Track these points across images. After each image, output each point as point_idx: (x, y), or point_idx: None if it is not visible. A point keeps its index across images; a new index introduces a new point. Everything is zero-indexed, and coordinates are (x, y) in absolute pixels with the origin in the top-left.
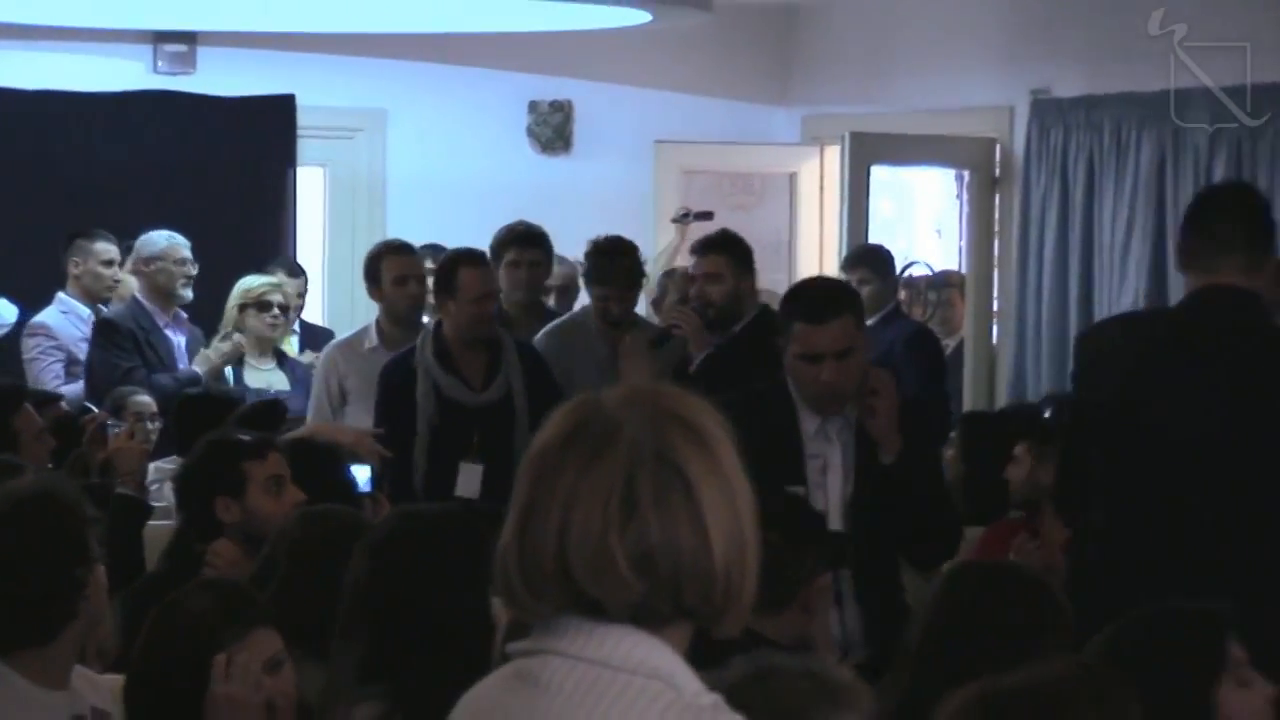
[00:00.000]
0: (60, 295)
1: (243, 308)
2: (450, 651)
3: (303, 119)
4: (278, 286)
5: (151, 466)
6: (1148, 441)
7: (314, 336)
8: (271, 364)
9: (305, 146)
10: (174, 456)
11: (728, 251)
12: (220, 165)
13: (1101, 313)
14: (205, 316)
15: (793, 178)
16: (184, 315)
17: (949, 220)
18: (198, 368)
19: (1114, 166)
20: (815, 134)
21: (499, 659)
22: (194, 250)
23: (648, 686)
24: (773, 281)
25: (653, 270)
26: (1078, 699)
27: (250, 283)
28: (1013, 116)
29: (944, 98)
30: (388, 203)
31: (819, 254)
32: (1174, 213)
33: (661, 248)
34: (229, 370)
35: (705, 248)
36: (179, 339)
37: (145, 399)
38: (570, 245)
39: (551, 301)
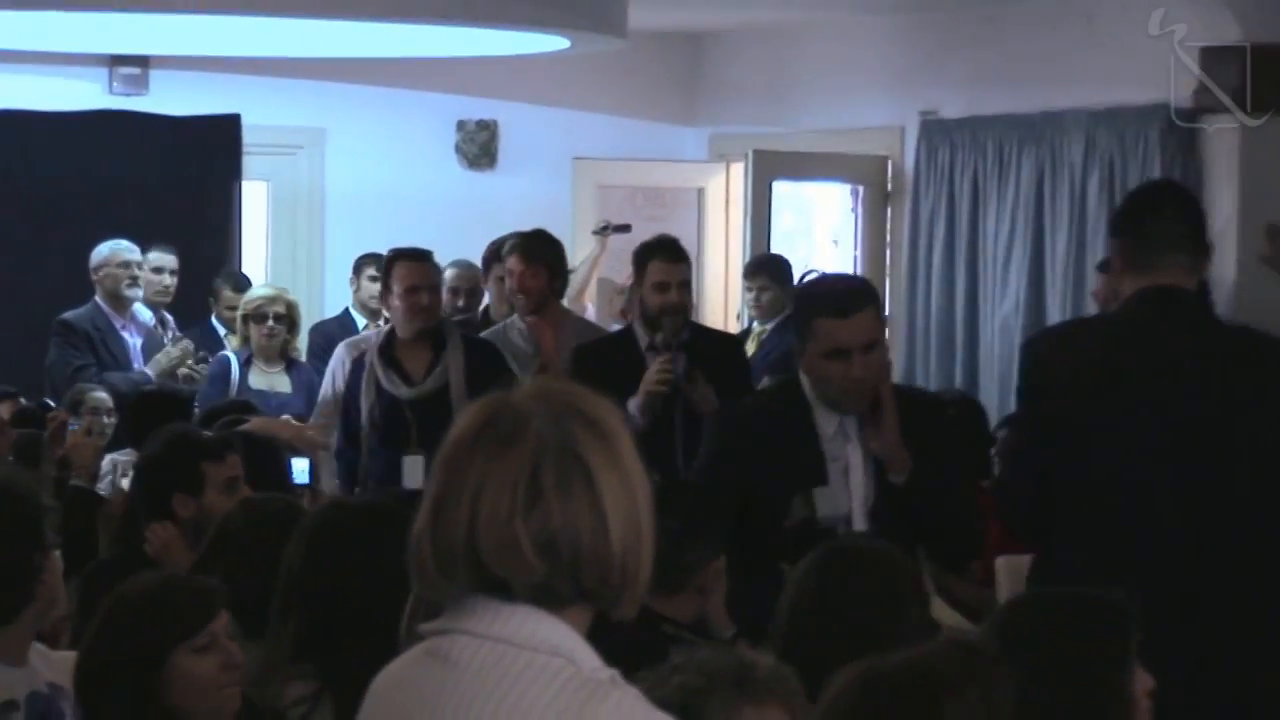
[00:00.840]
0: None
1: (244, 319)
2: (377, 633)
3: (247, 137)
4: (274, 299)
5: (107, 458)
6: (1106, 445)
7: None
8: (279, 367)
9: (250, 162)
10: (128, 450)
11: (688, 258)
12: (171, 180)
13: (985, 317)
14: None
15: (700, 192)
16: (143, 318)
17: (845, 232)
18: (149, 369)
19: (996, 182)
20: (721, 152)
21: (405, 639)
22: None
23: (549, 663)
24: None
25: (574, 278)
26: (953, 676)
27: (249, 295)
28: (903, 136)
29: (840, 118)
30: (326, 215)
31: (725, 263)
32: (1051, 225)
33: (581, 258)
34: (235, 373)
35: (677, 254)
36: (134, 340)
37: (102, 395)
38: None
39: (461, 302)
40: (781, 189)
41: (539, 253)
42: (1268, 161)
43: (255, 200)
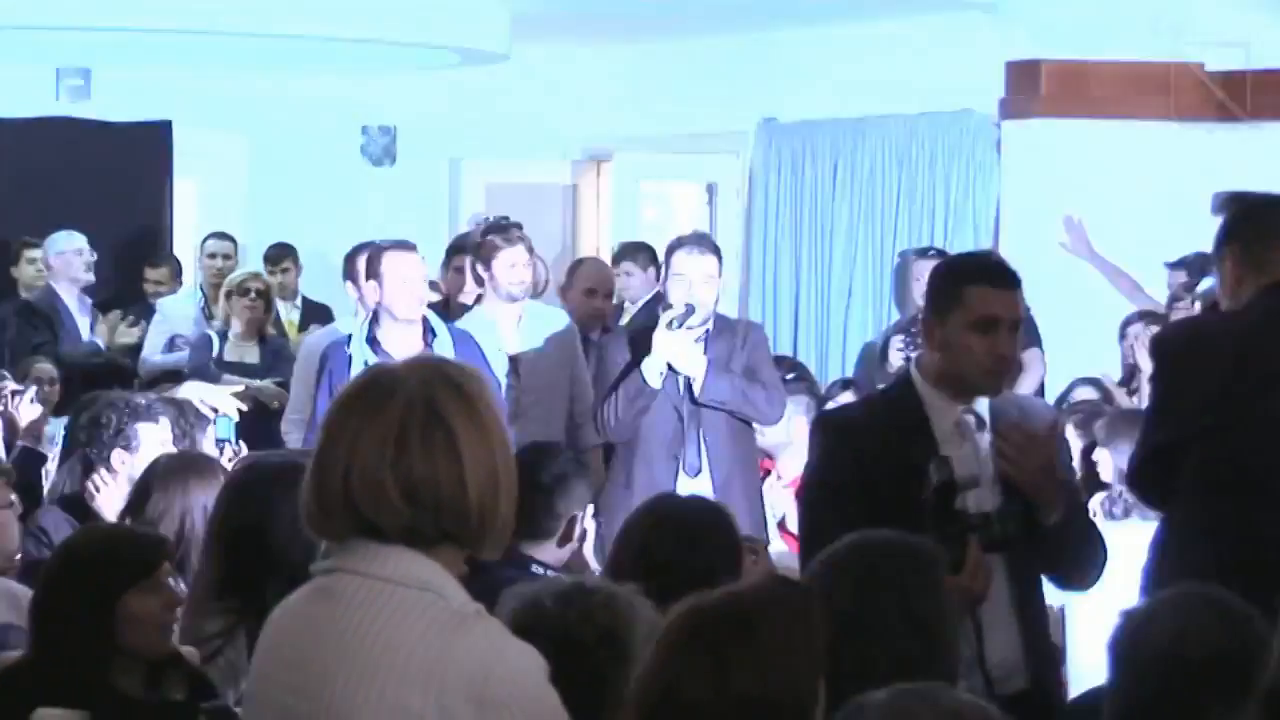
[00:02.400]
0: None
1: (228, 295)
2: (290, 573)
3: (178, 141)
4: (257, 276)
5: (55, 420)
6: (1256, 430)
7: (313, 311)
8: (253, 342)
9: (180, 164)
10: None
11: (718, 253)
12: (111, 179)
13: (821, 299)
14: (99, 300)
15: (573, 189)
16: (89, 300)
17: (701, 223)
18: (98, 339)
19: (830, 180)
20: (591, 154)
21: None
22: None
23: (422, 598)
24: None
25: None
26: (772, 605)
27: (233, 275)
28: (747, 138)
29: (693, 122)
30: (249, 210)
31: (596, 253)
32: (880, 215)
33: None
34: (216, 344)
35: (701, 247)
36: (85, 319)
37: (46, 366)
38: None
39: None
40: (646, 186)
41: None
42: (1069, 161)
43: (185, 197)
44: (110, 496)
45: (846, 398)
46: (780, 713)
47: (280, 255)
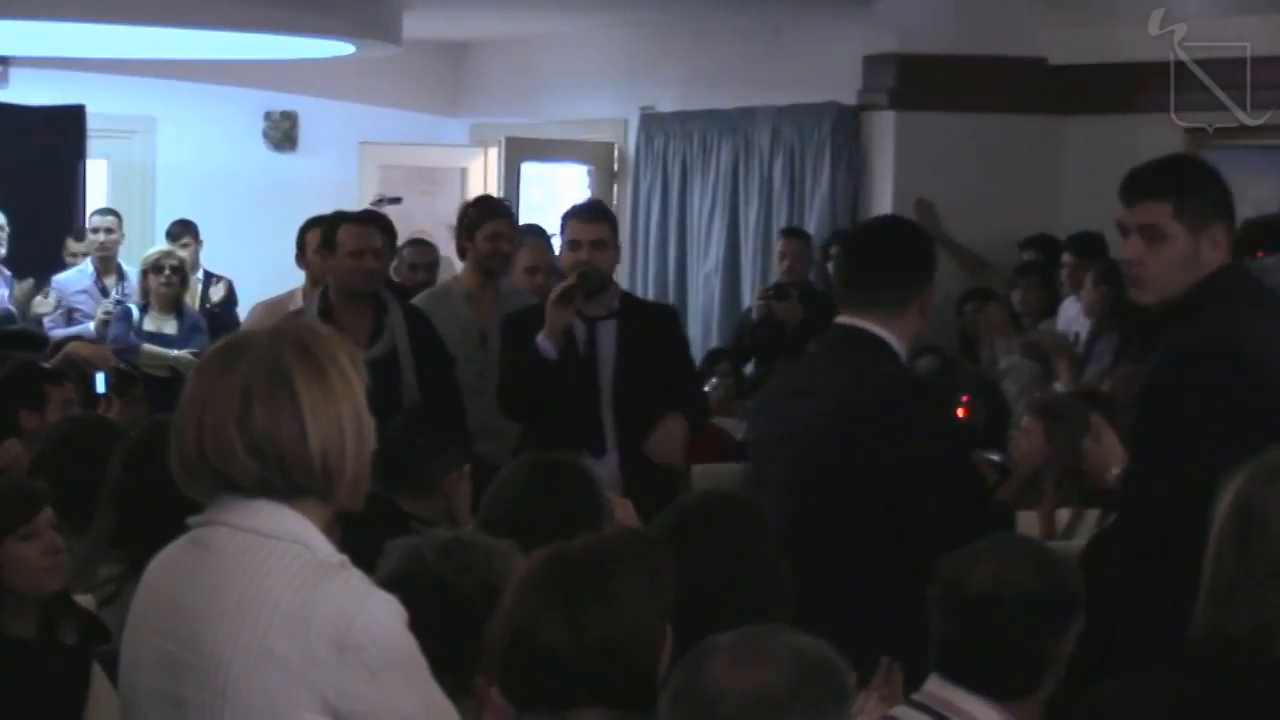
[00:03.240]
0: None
1: (144, 273)
2: (176, 529)
3: (91, 123)
4: (170, 253)
5: None
6: None
7: (211, 279)
8: (171, 314)
9: (93, 144)
10: None
11: (609, 220)
12: (28, 159)
13: (691, 275)
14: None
15: (464, 172)
16: (7, 271)
17: None
18: (11, 306)
19: (700, 164)
20: (480, 138)
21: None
22: (8, 221)
23: (289, 549)
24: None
25: None
26: (624, 555)
27: (148, 252)
28: (627, 126)
29: (576, 111)
30: (156, 188)
31: None
32: (744, 199)
33: None
34: (137, 316)
35: (592, 214)
36: (3, 290)
37: None
38: (293, 225)
39: (420, 277)
40: (530, 169)
41: (515, 219)
42: (918, 148)
43: (97, 176)
44: (19, 459)
45: (723, 368)
46: (629, 656)
47: (181, 231)
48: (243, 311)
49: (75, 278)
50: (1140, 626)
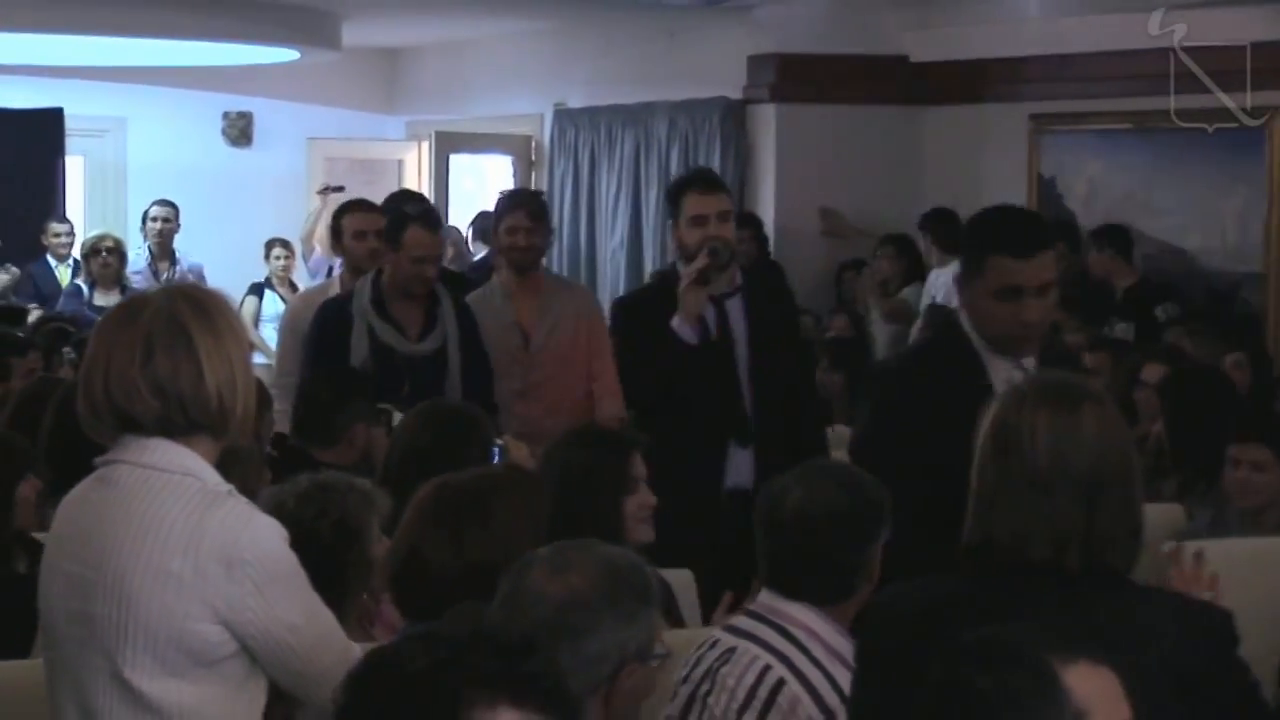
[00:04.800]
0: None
1: (86, 257)
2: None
3: (68, 124)
4: (103, 237)
5: None
6: None
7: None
8: (115, 291)
9: (70, 143)
10: None
11: (727, 188)
12: (11, 157)
13: (599, 252)
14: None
15: (400, 163)
16: None
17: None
18: None
19: (607, 154)
20: (414, 133)
21: None
22: None
23: (182, 481)
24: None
25: (304, 227)
26: (502, 487)
27: (85, 238)
28: (543, 120)
29: (498, 108)
30: (128, 182)
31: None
32: (645, 185)
33: (310, 211)
34: (87, 293)
35: (711, 184)
36: None
37: None
38: (251, 213)
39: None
40: (459, 160)
41: (543, 212)
42: (796, 138)
43: (75, 171)
44: None
45: None
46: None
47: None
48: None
49: (133, 261)
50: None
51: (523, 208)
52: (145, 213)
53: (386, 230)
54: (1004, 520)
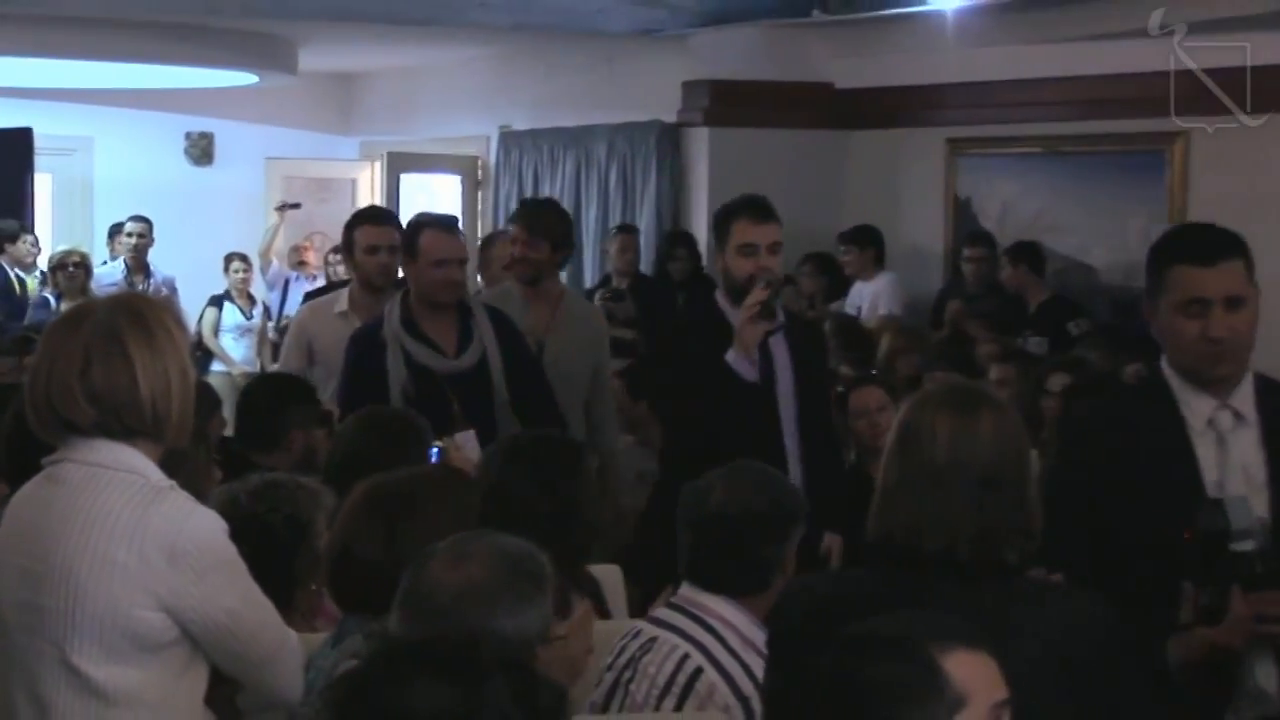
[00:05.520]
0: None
1: (53, 270)
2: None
3: (37, 143)
4: (71, 251)
5: None
6: None
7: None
8: (80, 300)
9: (39, 161)
10: None
11: (778, 218)
12: None
13: None
14: None
15: (354, 182)
16: None
17: (454, 208)
18: None
19: (549, 174)
20: (368, 154)
21: None
22: None
23: (126, 477)
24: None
25: (261, 242)
26: (433, 485)
27: (53, 253)
28: (489, 142)
29: (446, 130)
30: (94, 199)
31: None
32: (585, 204)
33: (268, 226)
34: (54, 304)
35: (763, 214)
36: None
37: None
38: (212, 228)
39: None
40: (410, 179)
41: (541, 225)
42: (727, 159)
43: (43, 188)
44: None
45: None
46: None
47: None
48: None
49: (108, 273)
50: None
51: (518, 221)
52: (114, 227)
53: (403, 243)
54: (902, 514)
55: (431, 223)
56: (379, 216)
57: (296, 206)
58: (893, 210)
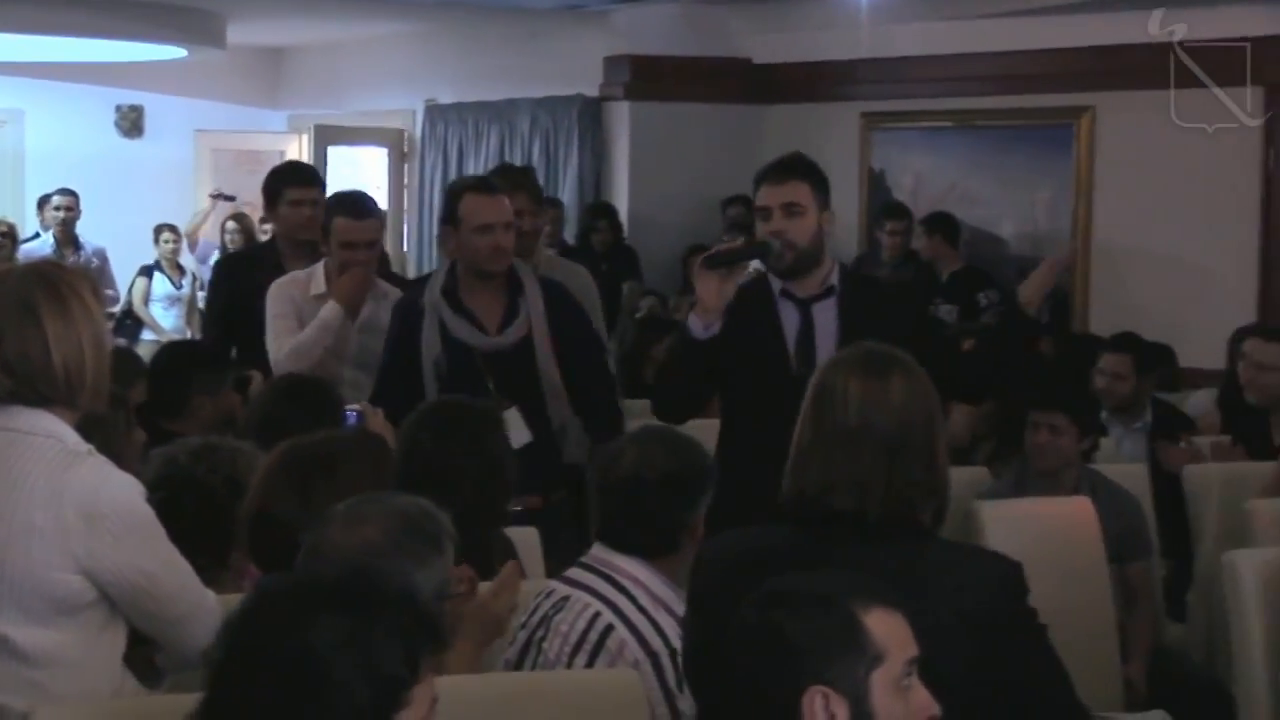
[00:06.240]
0: None
1: None
2: None
3: None
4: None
5: None
6: None
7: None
8: None
9: None
10: None
11: (808, 176)
12: None
13: None
14: None
15: (282, 154)
16: None
17: (382, 181)
18: None
19: (473, 147)
20: (296, 126)
21: None
22: None
23: (44, 441)
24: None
25: (189, 226)
26: (350, 449)
27: None
28: (415, 116)
29: (373, 103)
30: (25, 171)
31: None
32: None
33: (198, 210)
34: None
35: (782, 172)
36: None
37: None
38: (142, 200)
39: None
40: (337, 152)
41: (540, 192)
42: (648, 132)
43: None
44: None
45: None
46: None
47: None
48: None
49: (38, 247)
50: None
51: (524, 189)
52: (41, 199)
53: (443, 210)
54: (815, 473)
55: (472, 185)
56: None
57: (231, 199)
58: None
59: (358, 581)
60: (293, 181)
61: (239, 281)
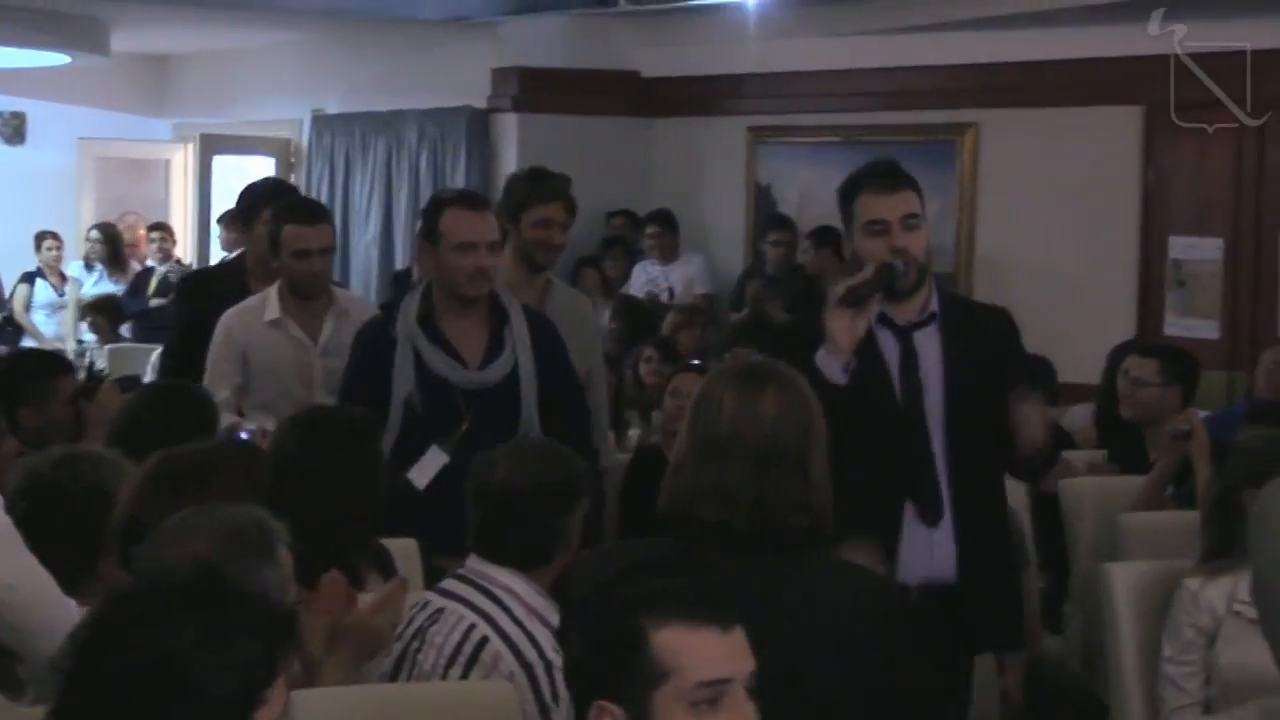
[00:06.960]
0: None
1: None
2: None
3: None
4: None
5: None
6: None
7: None
8: None
9: None
10: None
11: (916, 185)
12: None
13: (354, 246)
14: None
15: (167, 163)
16: None
17: None
18: None
19: (361, 157)
20: (181, 135)
21: None
22: None
23: None
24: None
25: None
26: (223, 460)
27: None
28: (302, 125)
29: (260, 113)
30: None
31: (184, 212)
32: (396, 186)
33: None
34: None
35: (892, 180)
36: None
37: None
38: (24, 207)
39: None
40: (222, 160)
41: (574, 205)
42: (536, 145)
43: None
44: None
45: None
46: None
47: None
48: None
49: None
50: None
51: (560, 199)
52: None
53: (422, 223)
54: (687, 484)
55: (454, 199)
56: (312, 214)
57: None
58: (696, 195)
59: (209, 581)
60: (271, 202)
61: (197, 302)
